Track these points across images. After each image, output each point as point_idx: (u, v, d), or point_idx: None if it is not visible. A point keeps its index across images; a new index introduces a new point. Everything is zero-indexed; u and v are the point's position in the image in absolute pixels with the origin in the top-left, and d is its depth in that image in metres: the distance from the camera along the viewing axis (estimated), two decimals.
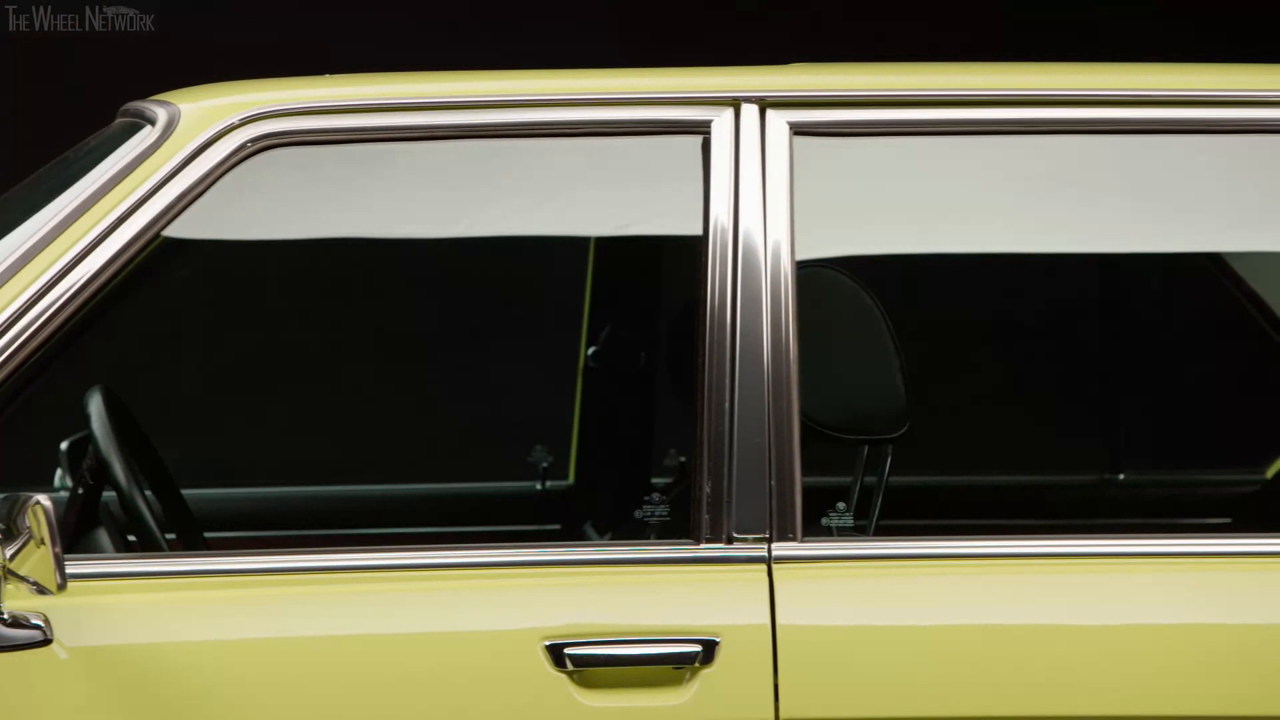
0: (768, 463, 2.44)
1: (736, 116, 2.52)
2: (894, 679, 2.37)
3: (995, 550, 2.45)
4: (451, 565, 2.43)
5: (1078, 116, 2.55)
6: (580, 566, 2.43)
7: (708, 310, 2.47)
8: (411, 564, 2.43)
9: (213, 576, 2.41)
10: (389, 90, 2.54)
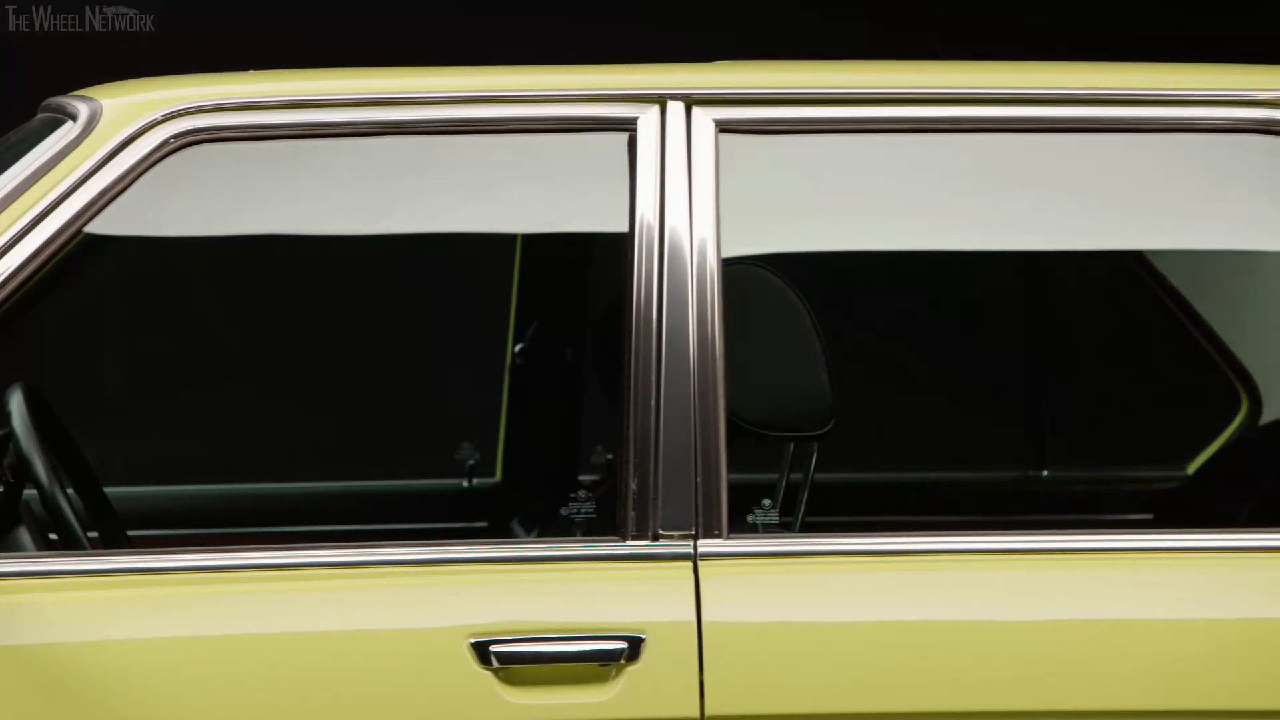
0: (694, 460, 2.44)
1: (662, 114, 2.52)
2: (819, 675, 2.38)
3: (919, 547, 2.46)
4: (377, 563, 2.42)
5: (1002, 115, 2.57)
6: (506, 564, 2.43)
7: (634, 307, 2.47)
8: (337, 561, 2.42)
9: (135, 575, 2.40)
10: (312, 86, 2.53)
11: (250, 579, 2.40)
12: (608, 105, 2.52)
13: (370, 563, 2.42)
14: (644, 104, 2.52)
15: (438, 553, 2.44)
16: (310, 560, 2.42)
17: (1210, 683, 2.40)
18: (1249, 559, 2.46)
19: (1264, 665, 2.40)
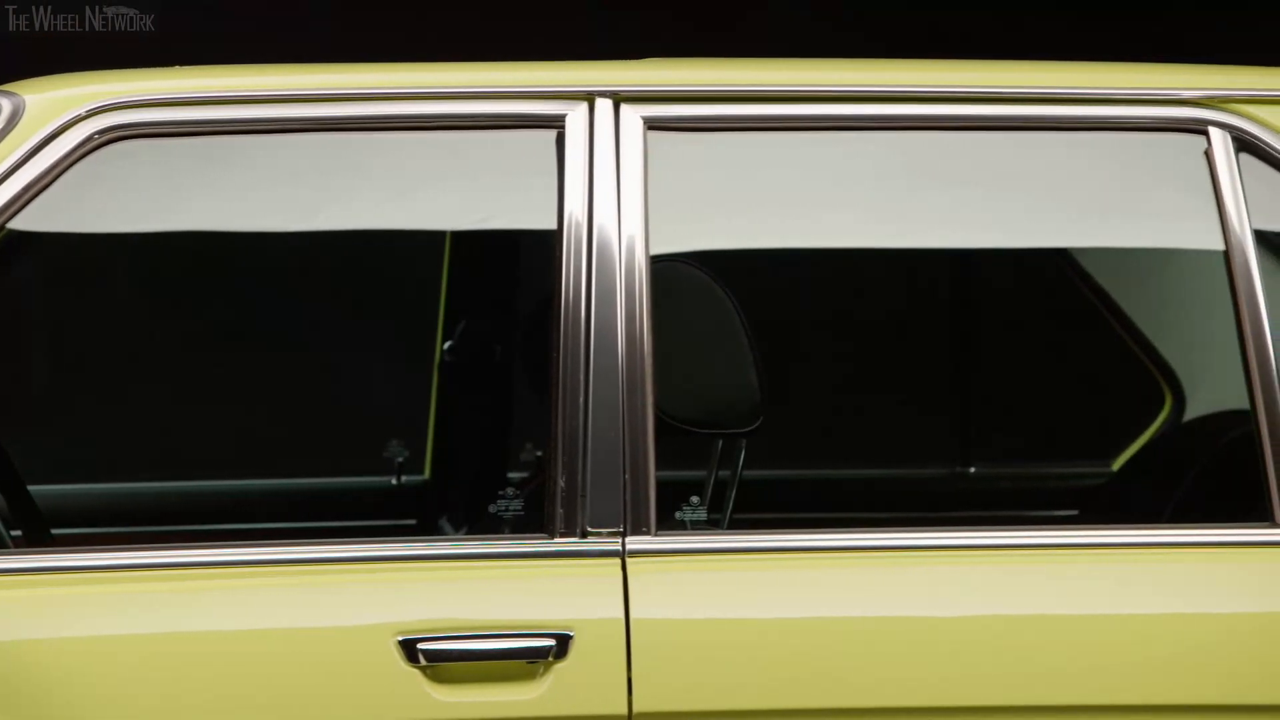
0: (622, 457, 2.44)
1: (590, 111, 2.52)
2: (746, 672, 2.38)
3: (848, 543, 2.47)
4: (305, 561, 2.41)
5: (930, 112, 2.58)
6: (434, 561, 2.42)
7: (562, 304, 2.47)
8: (264, 559, 2.41)
9: (60, 573, 2.38)
10: (239, 82, 2.52)
11: (176, 577, 2.39)
12: (536, 102, 2.52)
13: (298, 560, 2.41)
14: (572, 101, 2.52)
15: (366, 550, 2.43)
16: (237, 558, 2.41)
17: (1134, 677, 2.41)
18: (1173, 554, 2.48)
19: (1186, 659, 2.42)
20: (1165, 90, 2.59)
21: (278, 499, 3.55)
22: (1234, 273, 2.53)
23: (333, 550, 2.43)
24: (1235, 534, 2.49)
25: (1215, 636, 2.42)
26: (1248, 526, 2.49)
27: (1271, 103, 2.58)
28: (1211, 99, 2.58)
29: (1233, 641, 2.42)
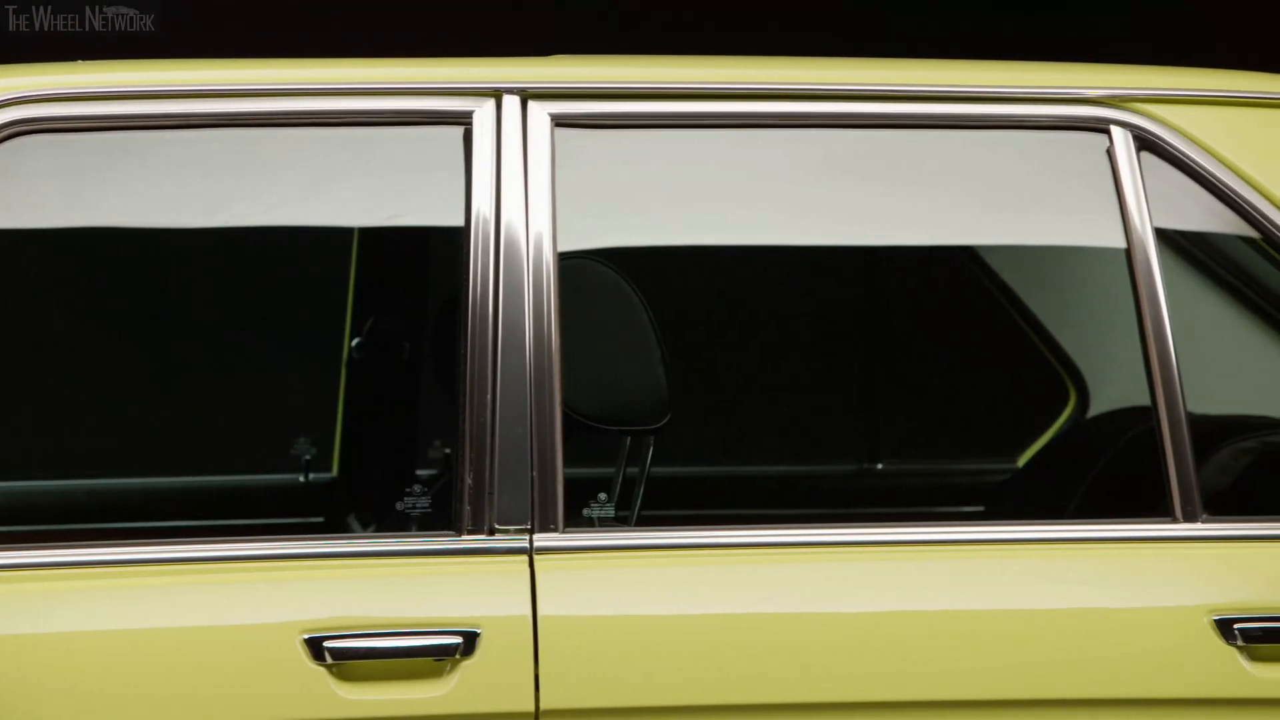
0: (530, 454, 2.44)
1: (498, 107, 2.52)
2: (654, 668, 2.39)
3: (756, 539, 2.48)
4: (211, 559, 2.40)
5: (837, 111, 2.59)
6: (341, 559, 2.41)
7: (470, 301, 2.47)
8: (170, 557, 2.40)
9: None
10: (145, 77, 2.50)
11: (81, 575, 2.37)
12: (443, 99, 2.52)
13: (204, 559, 2.40)
14: (480, 98, 2.52)
15: (272, 548, 2.42)
16: (143, 556, 2.40)
17: (1038, 671, 2.43)
18: (1077, 549, 2.50)
19: (1090, 654, 2.44)
20: (1069, 89, 2.61)
21: (185, 497, 3.53)
22: (1135, 271, 2.56)
23: (239, 548, 2.41)
24: (1136, 529, 2.51)
25: (1117, 631, 2.44)
26: (1149, 522, 2.52)
27: (1172, 102, 2.61)
28: (1114, 98, 2.60)
29: (1134, 636, 2.44)
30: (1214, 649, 2.44)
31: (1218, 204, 2.60)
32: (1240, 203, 2.59)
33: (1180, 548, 2.49)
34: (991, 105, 2.60)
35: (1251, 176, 2.60)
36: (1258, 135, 2.61)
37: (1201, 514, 2.50)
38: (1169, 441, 2.51)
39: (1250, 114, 2.62)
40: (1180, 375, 2.52)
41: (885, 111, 2.59)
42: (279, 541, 2.44)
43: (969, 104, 2.60)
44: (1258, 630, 2.45)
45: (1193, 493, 2.50)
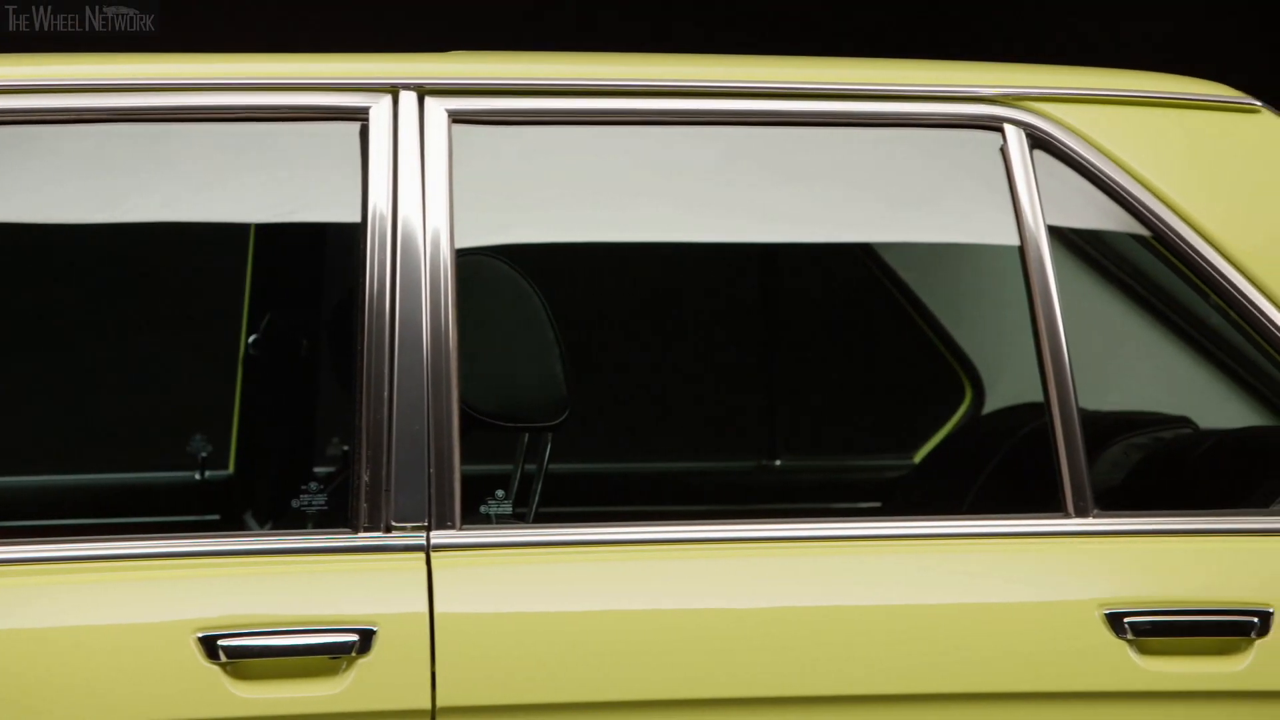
0: (427, 451, 2.44)
1: (395, 103, 2.51)
2: (551, 665, 2.38)
3: (655, 536, 2.48)
4: (105, 557, 2.38)
5: (735, 108, 2.59)
6: (236, 557, 2.40)
7: (367, 298, 2.46)
8: (63, 556, 2.38)
9: None
10: (39, 72, 2.48)
11: None
12: (339, 95, 2.51)
13: (98, 557, 2.38)
14: (376, 93, 2.51)
15: (167, 547, 2.40)
16: (36, 555, 2.37)
17: (933, 666, 2.45)
18: (971, 544, 2.52)
19: (983, 648, 2.46)
20: (963, 88, 2.63)
21: (79, 494, 3.50)
22: (1029, 268, 2.58)
23: (133, 546, 2.40)
24: (1029, 525, 2.53)
25: (1010, 625, 2.46)
26: (1042, 517, 2.54)
27: (1065, 101, 2.63)
28: (1007, 97, 2.62)
29: (1026, 630, 2.46)
30: (1104, 643, 2.47)
31: (1109, 202, 2.63)
32: (1131, 201, 2.62)
33: (1072, 543, 2.52)
34: (888, 103, 2.62)
35: (1142, 175, 2.63)
36: (1148, 134, 2.64)
37: (1093, 509, 2.53)
38: (1061, 438, 2.53)
39: (1141, 113, 2.65)
40: (1073, 372, 2.55)
41: (783, 109, 2.60)
42: (174, 540, 2.42)
43: (866, 101, 2.62)
44: (1147, 624, 2.47)
45: (1084, 488, 2.53)
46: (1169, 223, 2.61)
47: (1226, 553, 2.53)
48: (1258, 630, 2.49)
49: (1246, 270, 2.61)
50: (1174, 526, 2.55)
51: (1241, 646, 2.49)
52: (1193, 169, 2.63)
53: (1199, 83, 2.72)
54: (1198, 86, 2.71)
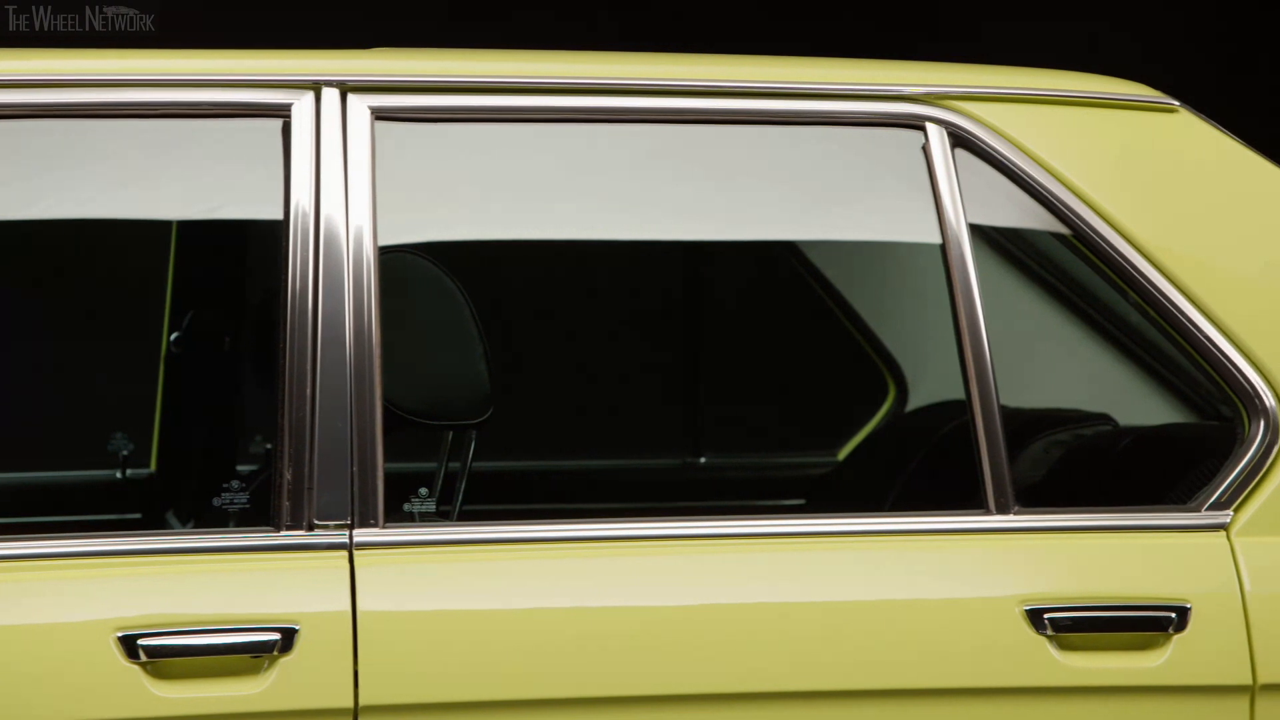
0: (350, 449, 2.43)
1: (317, 100, 2.50)
2: (475, 663, 2.38)
3: (579, 534, 2.48)
4: (24, 556, 2.36)
5: (659, 106, 2.60)
6: (157, 556, 2.38)
7: (289, 295, 2.45)
8: None
9: None
10: None
11: None
12: (261, 91, 2.49)
13: (17, 555, 2.36)
14: (299, 90, 2.50)
15: (87, 545, 2.39)
16: None
17: (857, 663, 2.46)
18: (894, 541, 2.53)
19: (905, 644, 2.47)
20: (886, 86, 2.64)
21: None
22: (950, 266, 2.59)
23: (53, 545, 2.38)
24: (951, 521, 2.55)
25: (932, 621, 2.47)
26: (963, 514, 2.55)
27: (986, 100, 2.65)
28: (929, 95, 2.64)
29: (948, 626, 2.48)
30: (1025, 639, 2.48)
31: (1030, 200, 2.64)
32: (1051, 199, 2.64)
33: (993, 539, 2.53)
34: (812, 101, 2.63)
35: (1062, 173, 2.64)
36: (1069, 133, 2.66)
37: (1014, 506, 2.54)
38: (983, 435, 2.55)
39: (1062, 112, 2.67)
40: (994, 369, 2.56)
41: (708, 107, 2.60)
42: (94, 539, 2.41)
43: (790, 100, 2.62)
44: (1067, 620, 2.49)
45: (1005, 485, 2.54)
46: (1089, 221, 2.63)
47: (1145, 548, 2.56)
48: (1175, 625, 2.51)
49: (1164, 268, 2.63)
50: (1094, 523, 2.57)
51: (1159, 642, 2.51)
52: (1112, 168, 2.65)
53: (1119, 82, 2.74)
54: (1118, 86, 2.73)
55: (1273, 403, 2.61)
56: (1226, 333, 2.61)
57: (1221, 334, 2.61)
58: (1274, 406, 2.61)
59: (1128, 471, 2.89)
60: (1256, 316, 2.61)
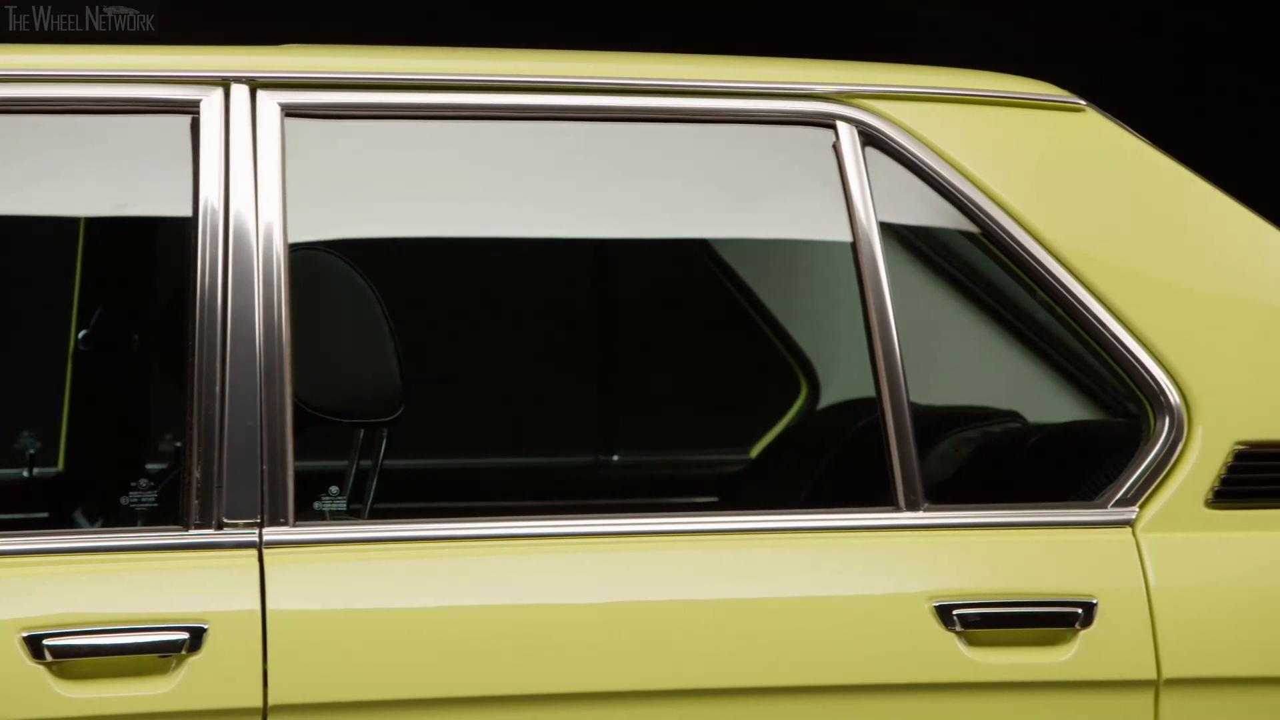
0: (259, 447, 2.42)
1: (226, 97, 2.49)
2: (385, 662, 2.37)
3: (489, 532, 2.48)
4: None
5: (571, 104, 2.60)
6: (64, 555, 2.37)
7: (198, 293, 2.44)
8: None
9: None
10: None
11: None
12: (170, 87, 2.48)
13: None
14: (207, 86, 2.49)
15: None
16: None
17: (767, 659, 2.46)
18: (805, 538, 2.53)
19: (815, 640, 2.48)
20: (797, 84, 2.65)
21: None
22: (861, 264, 2.61)
23: None
24: (861, 518, 2.56)
25: (842, 618, 2.48)
26: (873, 511, 2.56)
27: (896, 98, 2.66)
28: (840, 94, 2.65)
29: (858, 622, 2.49)
30: (934, 635, 2.50)
31: (939, 199, 2.66)
32: (960, 197, 2.65)
33: (903, 536, 2.54)
34: (723, 99, 2.63)
35: (970, 172, 2.66)
36: (977, 131, 2.67)
37: (924, 503, 2.56)
38: (892, 432, 2.56)
39: (970, 111, 2.68)
40: (904, 367, 2.57)
41: (619, 104, 2.61)
42: (0, 538, 2.38)
43: (701, 98, 2.63)
44: (976, 616, 2.51)
45: (915, 482, 2.55)
46: (997, 220, 2.65)
47: (1053, 544, 2.57)
48: (1081, 621, 2.53)
49: (1072, 266, 2.65)
50: (1002, 519, 2.58)
51: (1066, 637, 2.53)
52: (1020, 166, 2.67)
53: (1026, 81, 2.76)
54: (1025, 85, 2.75)
55: (1177, 400, 2.63)
56: (1132, 330, 2.64)
57: (1127, 331, 2.64)
58: (1179, 404, 2.63)
59: (1036, 468, 2.91)
60: (1161, 314, 2.64)
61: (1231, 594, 2.57)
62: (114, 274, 3.40)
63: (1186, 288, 2.65)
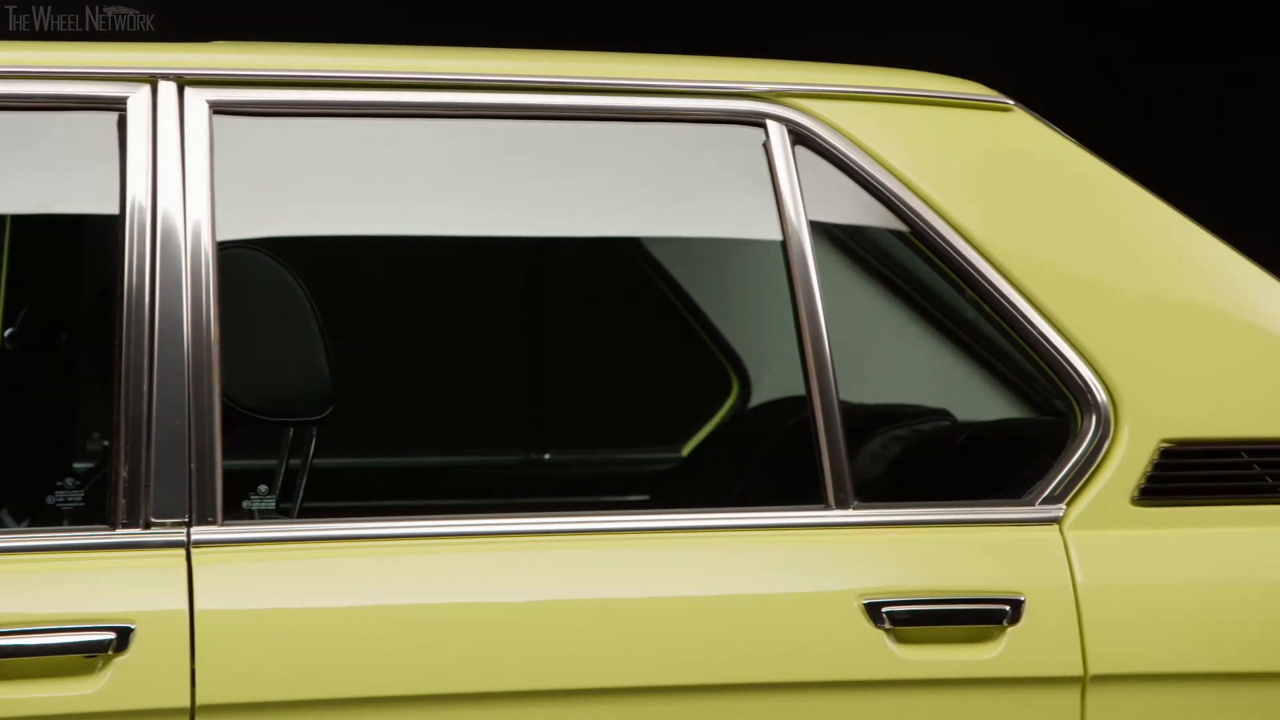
0: (188, 446, 2.41)
1: (154, 94, 2.47)
2: (314, 661, 2.37)
3: (421, 530, 2.47)
4: None
5: (503, 102, 2.59)
6: None
7: (125, 291, 2.42)
8: None
9: None
10: None
11: None
12: (96, 84, 2.46)
13: None
14: (134, 83, 2.47)
15: None
16: None
17: (696, 658, 2.47)
18: (735, 536, 2.54)
19: (745, 638, 2.48)
20: (727, 83, 2.65)
21: None
22: (791, 263, 2.61)
23: None
24: (792, 516, 2.56)
25: (771, 616, 2.49)
26: (803, 509, 2.57)
27: (826, 98, 2.67)
28: (770, 93, 2.65)
29: (787, 620, 2.49)
30: (863, 632, 2.51)
31: (869, 198, 2.67)
32: (889, 196, 2.66)
33: (832, 534, 2.55)
34: (653, 98, 2.64)
35: (900, 171, 2.67)
36: (906, 131, 2.68)
37: (854, 501, 2.57)
38: (822, 430, 2.57)
39: (899, 110, 2.69)
40: (834, 365, 2.58)
41: (550, 103, 2.60)
42: None
43: (632, 96, 2.63)
44: (904, 613, 2.52)
45: (845, 480, 2.56)
46: (926, 218, 2.66)
47: (981, 542, 2.59)
48: (1009, 618, 2.55)
49: (1000, 265, 2.66)
50: (931, 517, 2.59)
51: (994, 634, 2.55)
52: (949, 166, 2.68)
53: (955, 81, 2.78)
54: (954, 85, 2.76)
55: (1104, 398, 2.65)
56: (1059, 329, 2.65)
57: (1055, 330, 2.65)
58: (1105, 402, 2.65)
59: (965, 466, 2.92)
60: (1088, 313, 2.66)
61: (1157, 591, 2.59)
62: (40, 272, 3.38)
63: (1113, 287, 2.67)
